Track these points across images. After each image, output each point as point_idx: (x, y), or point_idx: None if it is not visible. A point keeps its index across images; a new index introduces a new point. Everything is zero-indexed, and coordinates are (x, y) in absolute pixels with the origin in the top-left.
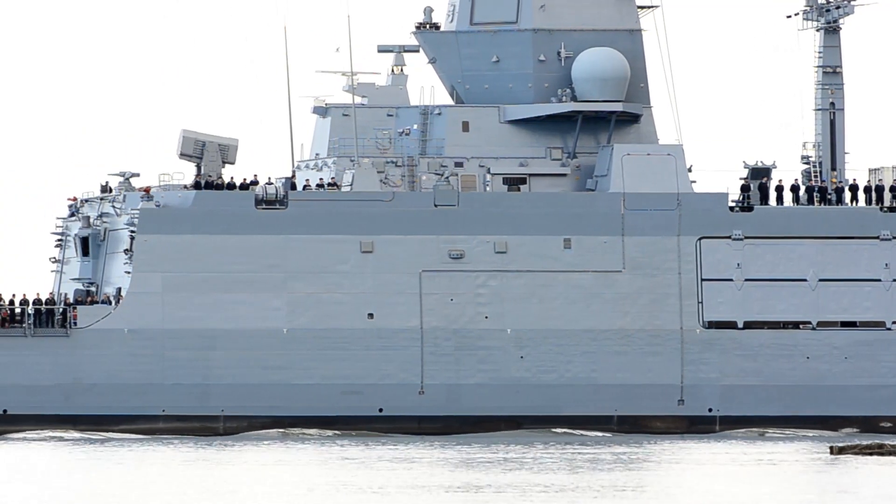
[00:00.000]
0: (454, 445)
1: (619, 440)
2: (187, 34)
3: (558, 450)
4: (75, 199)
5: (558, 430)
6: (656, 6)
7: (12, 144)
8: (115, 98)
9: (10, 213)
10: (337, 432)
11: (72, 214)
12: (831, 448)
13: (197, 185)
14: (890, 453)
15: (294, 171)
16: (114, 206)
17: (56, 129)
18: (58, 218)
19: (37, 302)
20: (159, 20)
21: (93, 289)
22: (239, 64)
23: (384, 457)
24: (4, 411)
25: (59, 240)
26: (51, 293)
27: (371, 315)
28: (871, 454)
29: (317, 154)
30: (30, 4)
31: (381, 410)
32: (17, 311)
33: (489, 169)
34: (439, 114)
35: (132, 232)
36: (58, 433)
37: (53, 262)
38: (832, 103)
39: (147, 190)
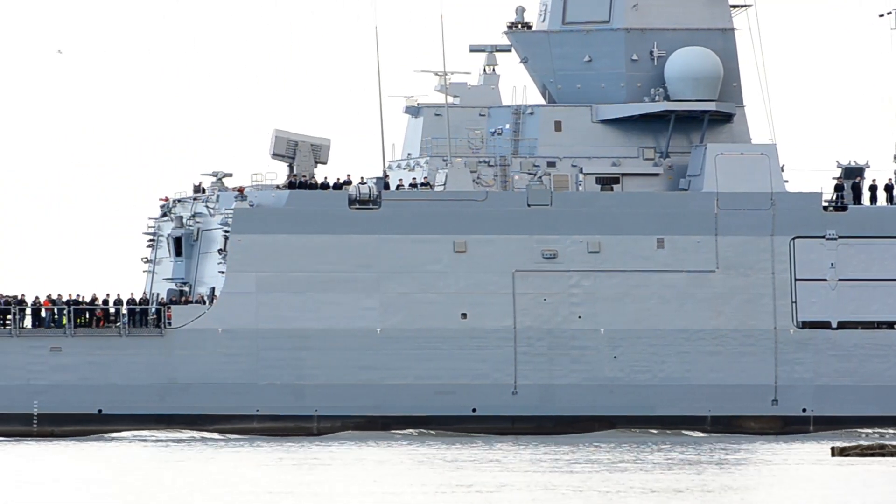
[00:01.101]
0: (548, 446)
1: (714, 440)
2: (280, 34)
3: (655, 450)
4: (167, 199)
5: (653, 431)
6: (749, 5)
7: (105, 145)
8: (208, 98)
9: (103, 214)
10: (431, 432)
11: (164, 215)
12: (832, 449)
13: (290, 185)
14: (891, 454)
15: (385, 171)
16: (207, 206)
17: (148, 129)
18: (150, 218)
19: (131, 302)
20: (253, 20)
21: (186, 289)
22: (331, 64)
23: (477, 457)
24: (99, 411)
25: (150, 240)
26: (144, 293)
27: (464, 315)
28: (872, 455)
29: (409, 154)
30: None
31: (474, 410)
32: (112, 311)
33: (581, 169)
34: (532, 113)
35: (226, 232)
36: (152, 433)
37: (145, 263)
38: None
39: (241, 190)
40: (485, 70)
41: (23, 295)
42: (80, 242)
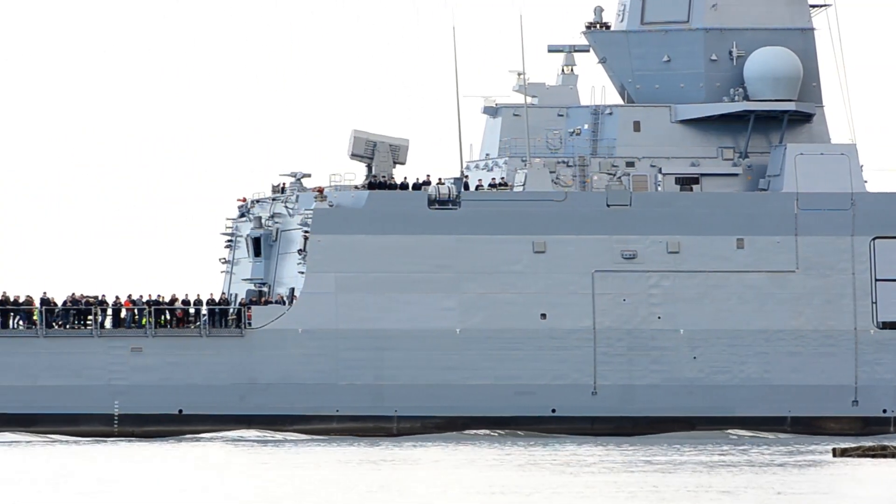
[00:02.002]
0: (628, 446)
1: (795, 441)
2: (357, 35)
3: (734, 450)
4: (245, 199)
5: (735, 432)
6: (828, 5)
7: (184, 146)
8: (287, 99)
9: (181, 215)
10: (513, 433)
11: (242, 215)
12: (834, 450)
13: (370, 186)
14: (893, 455)
15: (463, 172)
16: (286, 207)
17: (227, 130)
18: (228, 219)
19: (211, 302)
20: (332, 21)
21: (265, 289)
22: (409, 64)
23: (558, 458)
24: (180, 411)
25: (228, 240)
26: (222, 293)
27: (544, 315)
28: (874, 456)
29: (487, 154)
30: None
31: (553, 411)
32: (191, 311)
33: (660, 169)
34: (610, 114)
35: (306, 232)
36: (233, 433)
37: (223, 263)
38: None
39: (320, 190)
40: (563, 70)
41: (103, 295)
42: (159, 243)
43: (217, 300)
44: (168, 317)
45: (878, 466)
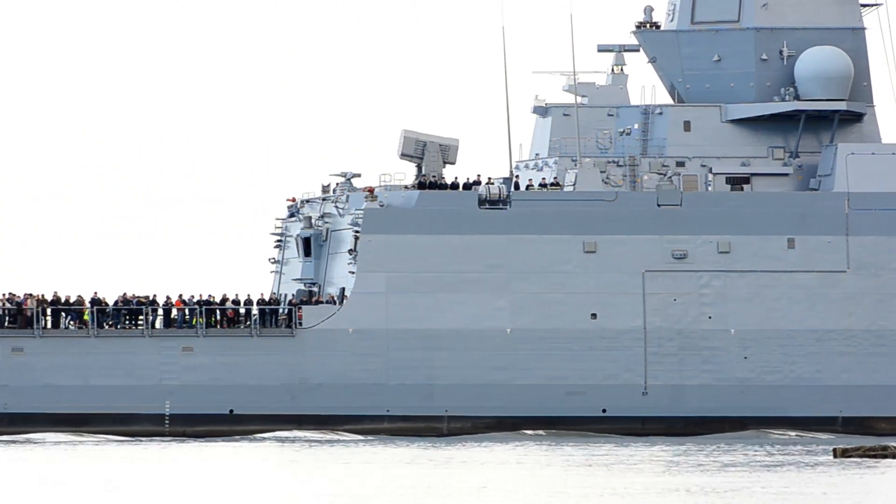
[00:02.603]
0: (679, 446)
1: (846, 441)
2: (408, 34)
3: (784, 451)
4: (294, 199)
5: (786, 433)
6: (879, 4)
7: (233, 146)
8: (336, 98)
9: (230, 214)
10: (561, 433)
11: (291, 215)
12: (835, 451)
13: (420, 185)
14: (893, 456)
15: (512, 171)
16: (336, 207)
17: (275, 130)
18: (277, 219)
19: (261, 302)
20: (381, 21)
21: (315, 289)
22: (459, 64)
23: (609, 459)
24: (231, 411)
25: (278, 240)
26: (274, 293)
27: (594, 315)
28: (874, 457)
29: (537, 154)
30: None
31: (604, 411)
32: (241, 311)
33: (711, 168)
34: (660, 113)
35: (356, 232)
36: (284, 433)
37: (273, 263)
38: None
39: (371, 190)
40: (613, 70)
41: (154, 295)
42: (209, 242)
43: (270, 300)
44: (218, 316)
45: (882, 467)
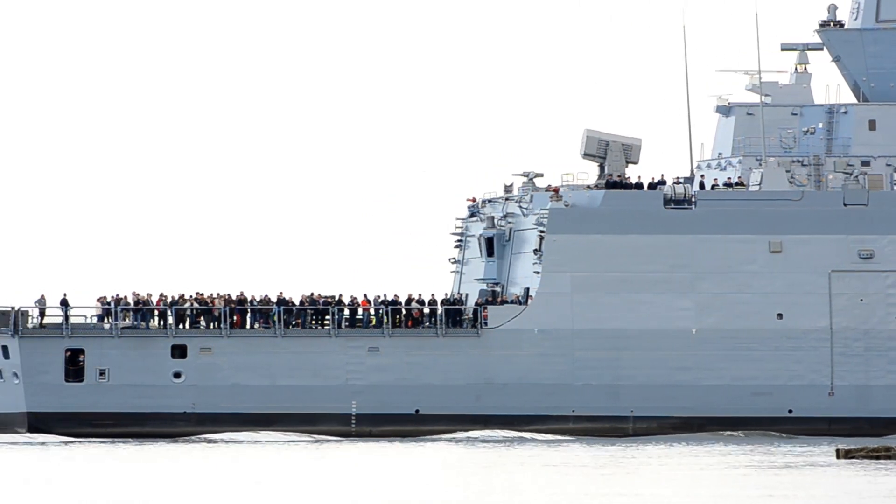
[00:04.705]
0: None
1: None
2: (590, 34)
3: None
4: (475, 199)
5: None
6: None
7: (413, 147)
8: (517, 98)
9: (410, 215)
10: (748, 433)
11: (472, 215)
12: (838, 451)
13: (605, 185)
14: None
15: (692, 171)
16: (520, 206)
17: (455, 130)
18: (457, 218)
19: (446, 302)
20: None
21: (497, 289)
22: (640, 63)
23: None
24: (416, 411)
25: (458, 240)
26: (458, 294)
27: (780, 315)
28: (877, 458)
29: (720, 153)
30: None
31: (790, 412)
32: (424, 311)
33: None
34: (845, 112)
35: (541, 232)
36: (469, 434)
37: (453, 263)
38: None
39: (556, 190)
40: (796, 69)
41: (340, 295)
42: (389, 242)
43: (454, 300)
44: (401, 317)
45: (885, 468)
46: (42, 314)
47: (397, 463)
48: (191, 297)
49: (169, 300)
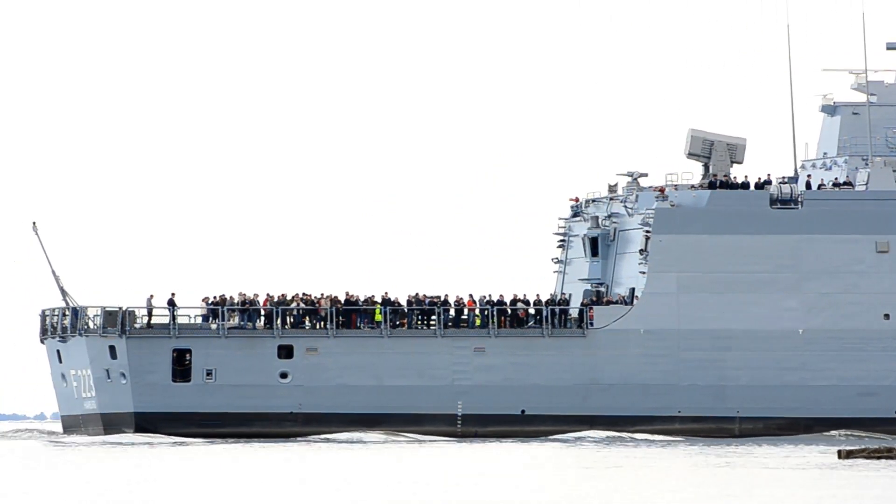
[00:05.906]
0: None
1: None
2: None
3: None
4: (577, 199)
5: None
6: None
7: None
8: (621, 98)
9: (513, 214)
10: (854, 434)
11: (575, 215)
12: (839, 452)
13: (710, 185)
14: None
15: (796, 170)
16: (625, 206)
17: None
18: (560, 218)
19: (551, 302)
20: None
21: (602, 289)
22: (744, 63)
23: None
24: (522, 412)
25: (561, 240)
26: (562, 294)
27: (887, 316)
28: (879, 458)
29: (825, 153)
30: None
31: None
32: (530, 311)
33: None
34: None
35: (646, 232)
36: (577, 434)
37: (556, 263)
38: None
39: (661, 190)
40: None
41: (445, 295)
42: (492, 242)
43: (559, 300)
44: (505, 317)
45: (886, 469)
46: (150, 314)
47: (502, 462)
48: (295, 296)
49: (275, 300)
